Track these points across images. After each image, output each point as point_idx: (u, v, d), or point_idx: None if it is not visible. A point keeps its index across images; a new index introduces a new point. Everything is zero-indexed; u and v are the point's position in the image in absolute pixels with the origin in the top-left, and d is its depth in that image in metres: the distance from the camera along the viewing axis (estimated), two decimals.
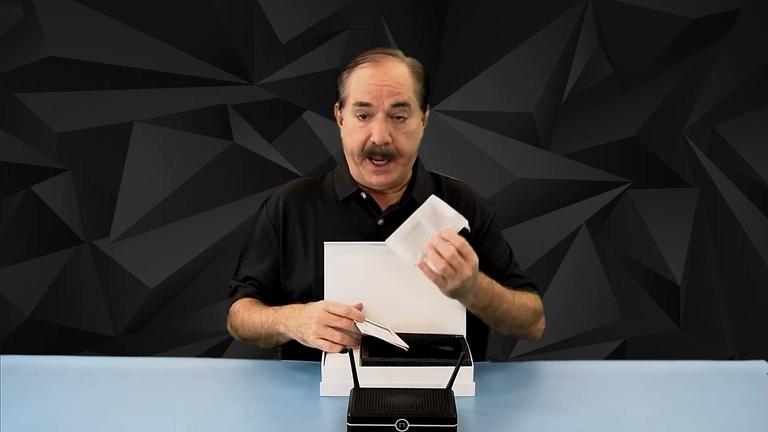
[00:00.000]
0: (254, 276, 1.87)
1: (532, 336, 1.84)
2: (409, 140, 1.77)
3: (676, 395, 1.58)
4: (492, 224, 1.88)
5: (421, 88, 1.78)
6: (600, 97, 3.03)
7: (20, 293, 3.01)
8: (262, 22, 2.96)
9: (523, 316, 1.77)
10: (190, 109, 2.99)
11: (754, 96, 3.01)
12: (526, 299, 1.80)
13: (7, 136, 2.95)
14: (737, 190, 3.05)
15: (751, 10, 2.97)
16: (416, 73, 1.77)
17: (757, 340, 3.10)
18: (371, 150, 1.75)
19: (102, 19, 2.91)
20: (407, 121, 1.75)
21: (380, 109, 1.72)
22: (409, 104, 1.74)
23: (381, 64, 1.74)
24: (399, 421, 1.34)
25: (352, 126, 1.76)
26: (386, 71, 1.73)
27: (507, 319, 1.74)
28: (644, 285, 3.11)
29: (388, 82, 1.72)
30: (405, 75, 1.75)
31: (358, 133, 1.75)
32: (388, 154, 1.75)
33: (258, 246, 1.87)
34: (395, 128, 1.74)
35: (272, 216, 1.86)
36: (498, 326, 1.77)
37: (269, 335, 1.74)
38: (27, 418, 1.44)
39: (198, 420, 1.44)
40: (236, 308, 1.84)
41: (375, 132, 1.73)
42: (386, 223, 1.82)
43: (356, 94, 1.74)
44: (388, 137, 1.73)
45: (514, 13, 2.99)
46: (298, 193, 1.88)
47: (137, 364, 1.72)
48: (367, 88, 1.73)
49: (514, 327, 1.77)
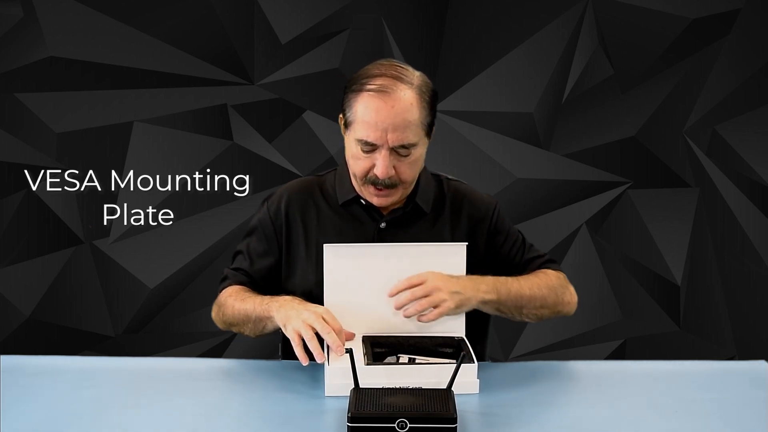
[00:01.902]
0: (246, 269, 1.86)
1: (565, 311, 1.84)
2: (412, 169, 1.74)
3: (676, 395, 1.58)
4: (498, 219, 1.87)
5: (427, 115, 1.72)
6: (600, 97, 3.03)
7: (20, 293, 3.01)
8: (262, 22, 2.96)
9: (540, 295, 1.77)
10: (190, 109, 2.99)
11: (754, 96, 3.01)
12: (537, 280, 1.79)
13: (7, 136, 2.95)
14: (737, 190, 3.05)
15: (751, 10, 2.97)
16: (424, 100, 1.70)
17: (757, 340, 3.10)
18: (374, 181, 1.73)
19: (102, 19, 2.91)
20: (412, 152, 1.72)
21: (384, 147, 1.68)
22: (414, 143, 1.70)
23: (388, 95, 1.66)
24: (399, 421, 1.34)
25: (356, 152, 1.72)
26: (393, 105, 1.66)
27: (525, 303, 1.75)
28: (644, 285, 3.11)
29: (393, 121, 1.66)
30: (412, 108, 1.68)
31: (362, 161, 1.72)
32: (391, 185, 1.73)
33: (254, 242, 1.87)
34: (399, 160, 1.71)
35: (273, 214, 1.85)
36: (521, 316, 1.78)
37: (258, 319, 1.71)
38: (27, 418, 1.44)
39: (198, 420, 1.44)
40: (226, 294, 1.82)
41: (378, 167, 1.69)
42: (389, 226, 1.81)
43: (361, 129, 1.68)
44: (392, 171, 1.70)
45: (514, 13, 2.99)
46: (301, 192, 1.87)
47: (137, 364, 1.72)
48: (373, 126, 1.66)
49: (536, 309, 1.77)
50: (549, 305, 1.79)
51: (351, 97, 1.70)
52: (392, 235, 1.80)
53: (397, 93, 1.67)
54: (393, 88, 1.67)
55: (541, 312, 1.79)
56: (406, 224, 1.82)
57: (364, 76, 1.71)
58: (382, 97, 1.66)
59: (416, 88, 1.70)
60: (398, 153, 1.69)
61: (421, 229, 1.82)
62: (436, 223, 1.83)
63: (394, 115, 1.66)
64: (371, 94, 1.67)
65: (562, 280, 1.85)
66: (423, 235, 1.80)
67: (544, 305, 1.78)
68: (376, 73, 1.70)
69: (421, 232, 1.81)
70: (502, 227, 1.88)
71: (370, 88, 1.68)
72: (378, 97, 1.66)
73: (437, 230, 1.82)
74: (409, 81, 1.70)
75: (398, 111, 1.66)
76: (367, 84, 1.68)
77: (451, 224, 1.83)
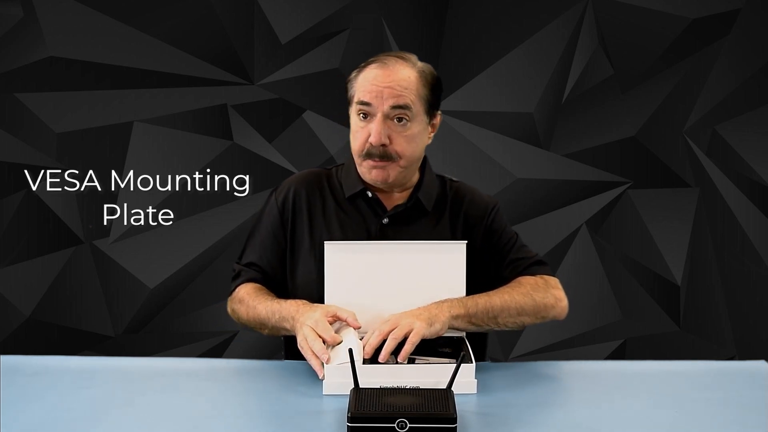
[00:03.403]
0: (257, 263, 1.88)
1: (551, 315, 1.79)
2: (409, 144, 1.76)
3: (676, 395, 1.58)
4: (494, 219, 1.87)
5: (427, 93, 1.77)
6: (600, 97, 3.03)
7: (20, 293, 3.01)
8: (262, 22, 2.96)
9: (513, 303, 1.72)
10: (190, 109, 2.99)
11: (754, 96, 3.01)
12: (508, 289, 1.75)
13: (7, 136, 2.95)
14: (737, 190, 3.05)
15: (751, 10, 2.97)
16: (424, 79, 1.77)
17: (757, 340, 3.10)
18: (369, 151, 1.75)
19: (102, 19, 2.91)
20: (408, 124, 1.75)
21: (379, 110, 1.73)
22: (409, 107, 1.74)
23: (387, 66, 1.75)
24: (399, 421, 1.34)
25: (355, 125, 1.78)
26: (390, 73, 1.74)
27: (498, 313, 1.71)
28: (644, 285, 3.11)
29: (389, 84, 1.73)
30: (410, 79, 1.75)
31: (360, 133, 1.77)
32: (386, 156, 1.75)
33: (263, 233, 1.88)
34: (395, 130, 1.74)
35: (280, 206, 1.87)
36: (501, 326, 1.74)
37: (275, 328, 1.74)
38: (27, 418, 1.44)
39: (198, 420, 1.44)
40: (241, 295, 1.84)
41: (373, 133, 1.73)
42: (391, 222, 1.82)
43: (359, 93, 1.75)
44: (386, 139, 1.74)
45: (514, 13, 3.00)
46: (308, 184, 1.88)
47: (137, 364, 1.72)
48: (369, 88, 1.74)
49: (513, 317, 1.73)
50: (528, 312, 1.74)
51: (352, 77, 1.80)
52: (394, 231, 1.82)
53: (397, 66, 1.76)
54: (393, 63, 1.76)
55: (521, 319, 1.74)
56: (409, 221, 1.83)
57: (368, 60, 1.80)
58: (381, 67, 1.76)
59: (418, 69, 1.78)
60: (394, 122, 1.74)
61: (423, 227, 1.83)
62: (438, 222, 1.84)
63: (390, 80, 1.74)
64: (372, 65, 1.77)
65: (543, 284, 1.81)
66: (424, 233, 1.81)
67: (521, 312, 1.73)
68: (380, 55, 1.80)
69: (423, 229, 1.82)
70: (498, 227, 1.87)
71: (372, 62, 1.78)
72: (377, 67, 1.76)
73: (438, 229, 1.83)
74: (411, 62, 1.79)
75: (395, 78, 1.74)
76: (370, 62, 1.78)
77: (451, 223, 1.85)
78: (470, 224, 1.85)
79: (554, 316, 1.80)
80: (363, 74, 1.76)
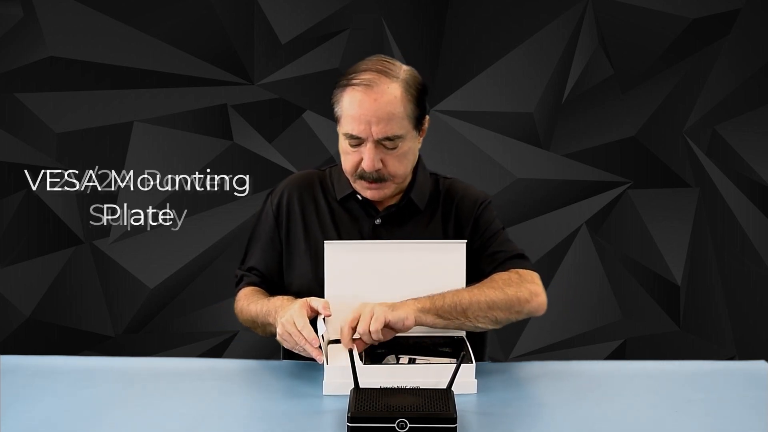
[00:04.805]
0: (257, 267, 1.89)
1: (527, 309, 1.71)
2: (401, 162, 1.75)
3: (676, 395, 1.58)
4: (482, 213, 1.84)
5: (414, 108, 1.73)
6: (600, 97, 3.03)
7: (20, 293, 3.01)
8: (262, 22, 2.96)
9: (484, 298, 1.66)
10: (190, 109, 2.99)
11: (754, 96, 3.01)
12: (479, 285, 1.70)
13: (7, 136, 2.95)
14: (737, 190, 3.05)
15: (751, 10, 2.97)
16: (410, 94, 1.72)
17: (757, 340, 3.10)
18: (362, 174, 1.74)
19: (102, 19, 2.91)
20: (399, 145, 1.73)
21: (369, 140, 1.70)
22: (399, 135, 1.71)
23: (372, 88, 1.69)
24: (399, 421, 1.34)
25: (345, 148, 1.76)
26: (377, 97, 1.68)
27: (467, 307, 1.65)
28: (644, 285, 3.11)
29: (376, 114, 1.68)
30: (396, 101, 1.69)
31: (351, 156, 1.75)
32: (380, 179, 1.75)
33: (261, 237, 1.90)
34: (386, 153, 1.72)
35: (275, 209, 1.88)
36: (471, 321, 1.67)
37: (263, 325, 1.76)
38: (27, 418, 1.44)
39: (198, 420, 1.44)
40: (239, 297, 1.87)
41: (365, 161, 1.72)
42: (383, 223, 1.82)
43: (346, 123, 1.71)
44: (379, 164, 1.72)
45: (514, 13, 2.99)
46: (301, 187, 1.89)
47: (137, 364, 1.72)
48: (357, 118, 1.69)
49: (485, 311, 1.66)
50: (500, 306, 1.67)
51: (338, 93, 1.74)
52: (387, 231, 1.82)
53: (381, 86, 1.69)
54: (377, 82, 1.69)
55: (493, 314, 1.67)
56: (402, 221, 1.83)
57: (351, 72, 1.74)
58: (365, 91, 1.69)
59: (402, 82, 1.72)
60: (384, 146, 1.71)
61: (416, 226, 1.82)
62: (431, 221, 1.84)
63: (377, 108, 1.68)
64: (355, 88, 1.70)
65: (518, 278, 1.74)
66: (418, 232, 1.81)
67: (492, 307, 1.66)
68: (363, 68, 1.73)
69: (416, 229, 1.82)
70: (484, 221, 1.84)
71: (355, 82, 1.71)
72: (361, 90, 1.69)
73: (432, 227, 1.83)
74: (394, 75, 1.72)
75: (381, 104, 1.68)
76: (353, 79, 1.72)
77: (443, 221, 1.84)
78: (461, 219, 1.84)
79: (530, 310, 1.72)
80: (347, 98, 1.71)
